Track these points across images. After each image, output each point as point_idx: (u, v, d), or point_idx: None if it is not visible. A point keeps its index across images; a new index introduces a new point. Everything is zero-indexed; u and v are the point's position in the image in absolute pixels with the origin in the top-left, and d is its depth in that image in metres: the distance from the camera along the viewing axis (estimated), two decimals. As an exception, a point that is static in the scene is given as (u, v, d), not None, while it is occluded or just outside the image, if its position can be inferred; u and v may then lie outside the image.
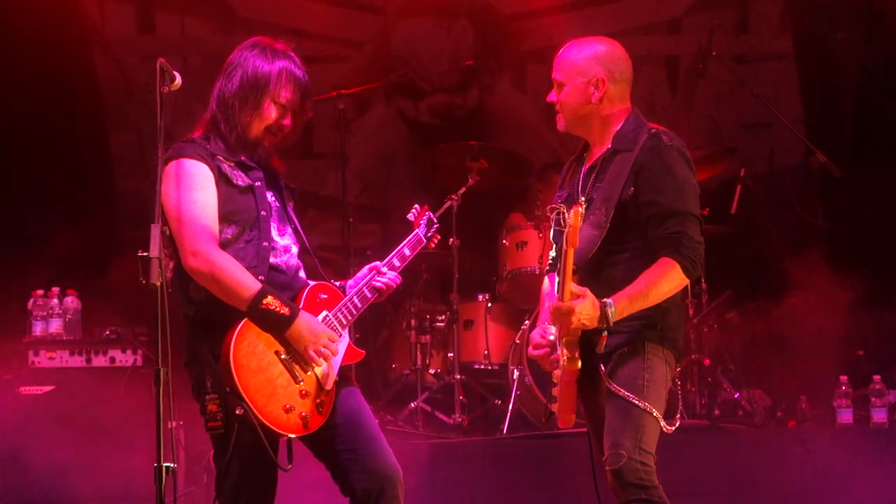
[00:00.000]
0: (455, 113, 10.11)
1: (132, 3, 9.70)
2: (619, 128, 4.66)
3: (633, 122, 4.68)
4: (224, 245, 4.39)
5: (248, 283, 4.33)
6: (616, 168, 4.58)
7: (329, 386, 4.48)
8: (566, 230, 4.30)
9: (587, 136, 4.77)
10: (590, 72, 4.66)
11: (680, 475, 6.49)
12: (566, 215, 4.35)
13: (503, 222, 8.68)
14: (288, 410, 4.34)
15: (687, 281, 4.50)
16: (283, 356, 4.38)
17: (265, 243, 4.48)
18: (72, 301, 6.97)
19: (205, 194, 4.39)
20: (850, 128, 9.40)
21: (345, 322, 4.61)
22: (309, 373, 4.43)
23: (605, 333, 4.43)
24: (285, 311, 4.35)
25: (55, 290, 6.93)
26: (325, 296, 4.62)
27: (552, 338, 4.65)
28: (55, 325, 6.89)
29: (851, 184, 8.49)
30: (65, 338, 6.86)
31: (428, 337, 8.40)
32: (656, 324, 4.55)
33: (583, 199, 4.40)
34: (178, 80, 4.36)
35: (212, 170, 4.43)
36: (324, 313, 4.56)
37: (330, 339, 4.46)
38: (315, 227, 9.38)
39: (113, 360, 6.78)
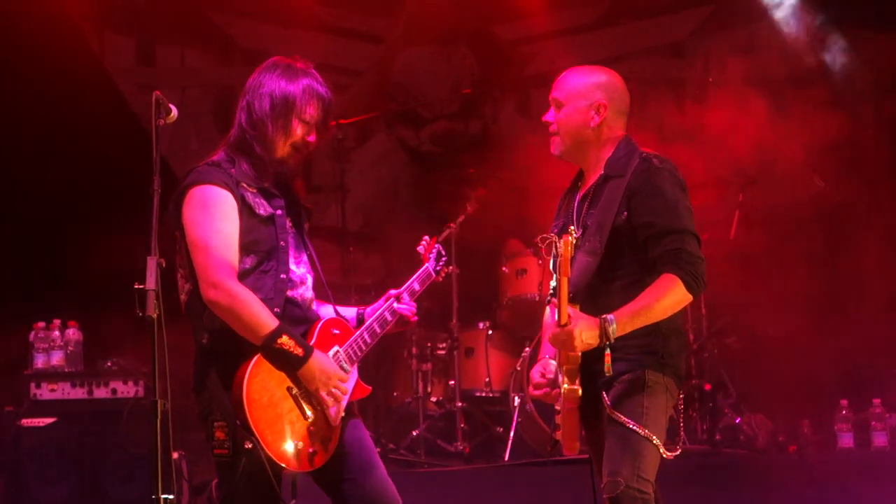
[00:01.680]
0: (457, 141, 10.11)
1: (132, 35, 9.75)
2: (610, 155, 4.65)
3: (624, 147, 4.67)
4: (242, 275, 4.37)
5: (265, 320, 4.31)
6: (609, 194, 4.57)
7: (336, 423, 4.49)
8: (558, 260, 4.31)
9: (581, 163, 4.75)
10: (591, 96, 4.66)
11: (681, 500, 6.49)
12: (557, 245, 4.36)
13: (502, 249, 8.71)
14: (296, 447, 4.33)
15: (690, 297, 4.45)
16: (293, 392, 4.38)
17: (283, 275, 4.46)
18: (73, 333, 6.98)
19: (228, 224, 4.36)
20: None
21: (354, 358, 4.60)
22: (318, 410, 4.43)
23: (609, 352, 4.37)
24: (299, 351, 4.34)
25: (56, 322, 6.94)
26: (338, 331, 4.61)
27: (552, 376, 4.64)
28: (57, 357, 6.90)
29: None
30: (66, 370, 6.87)
31: (429, 365, 8.40)
32: (657, 350, 4.52)
33: (572, 227, 4.40)
34: (175, 112, 4.37)
35: (236, 199, 4.40)
36: (335, 349, 4.55)
37: (341, 380, 4.47)
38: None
39: (114, 391, 6.79)
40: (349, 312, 4.79)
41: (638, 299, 4.41)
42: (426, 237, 5.08)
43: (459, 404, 8.08)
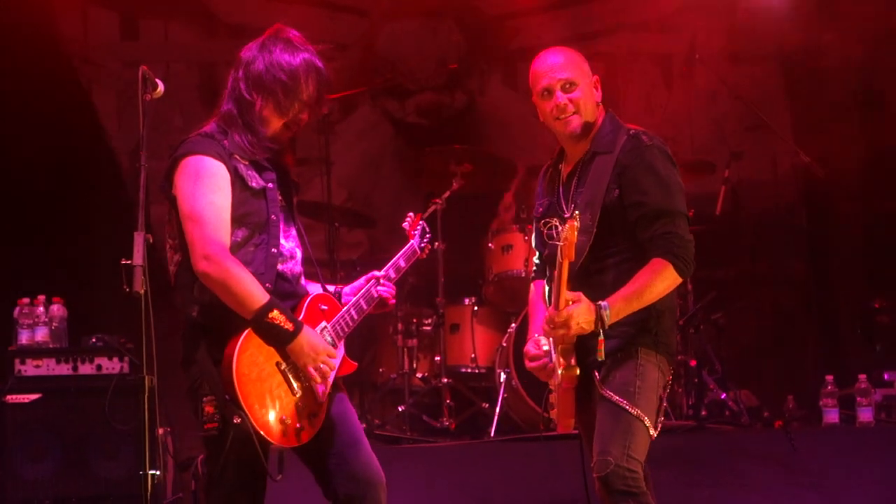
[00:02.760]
0: (443, 112, 10.08)
1: (116, 9, 9.69)
2: (595, 131, 4.65)
3: (609, 123, 4.67)
4: (233, 248, 4.35)
5: (256, 294, 4.29)
6: (597, 171, 4.57)
7: (324, 399, 4.48)
8: (561, 244, 4.28)
9: (580, 140, 4.69)
10: (590, 72, 4.69)
11: (666, 476, 6.50)
12: (560, 229, 4.34)
13: (489, 225, 8.70)
14: (283, 422, 4.33)
15: (680, 280, 4.49)
16: (282, 367, 4.38)
17: (273, 249, 4.45)
18: (58, 309, 6.94)
19: (221, 196, 4.33)
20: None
21: (341, 334, 4.60)
22: (306, 385, 4.43)
23: (602, 338, 4.40)
24: (289, 326, 4.33)
25: (41, 298, 6.91)
26: (326, 307, 4.60)
27: (546, 348, 4.65)
28: (41, 334, 6.87)
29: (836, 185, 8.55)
30: (51, 345, 6.84)
31: (415, 341, 8.39)
32: (651, 328, 4.54)
33: (577, 212, 4.35)
34: (161, 87, 4.35)
35: (229, 170, 4.37)
36: (322, 324, 4.54)
37: (329, 356, 4.46)
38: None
39: (100, 367, 6.75)
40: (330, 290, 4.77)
41: (630, 283, 4.42)
42: (411, 213, 5.08)
43: (445, 380, 8.07)
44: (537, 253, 4.93)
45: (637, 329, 4.51)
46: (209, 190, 4.31)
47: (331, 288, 4.77)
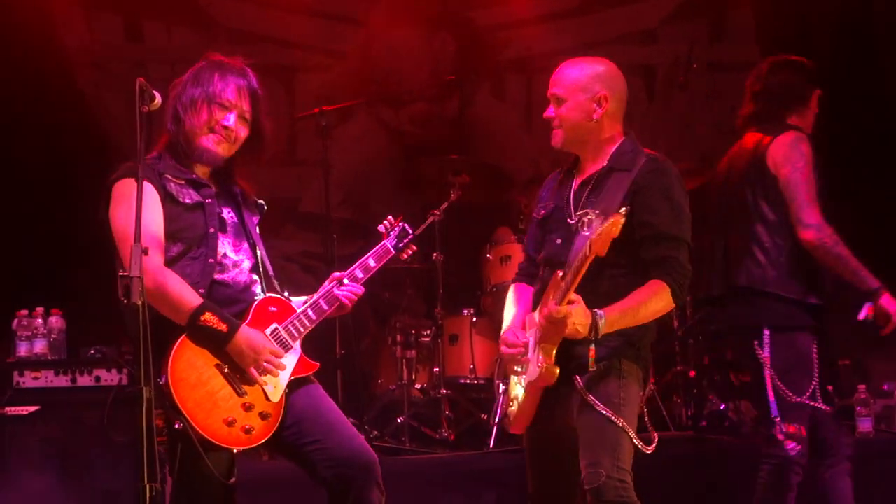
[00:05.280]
0: (434, 122, 10.14)
1: (120, 12, 9.72)
2: (615, 148, 4.72)
3: (629, 144, 4.75)
4: (170, 263, 4.48)
5: (188, 298, 4.41)
6: (613, 185, 4.62)
7: (276, 399, 4.51)
8: (593, 236, 4.29)
9: (581, 153, 4.81)
10: (592, 89, 4.73)
11: (666, 486, 6.50)
12: (599, 220, 4.37)
13: (490, 236, 8.71)
14: (230, 423, 4.38)
15: (673, 306, 4.59)
16: (225, 370, 4.44)
17: (211, 259, 4.54)
18: (56, 321, 6.93)
19: (148, 213, 4.41)
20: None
21: (296, 334, 4.64)
22: (254, 385, 4.46)
23: (593, 347, 4.44)
24: (222, 327, 4.41)
25: (39, 310, 6.90)
26: (276, 308, 4.66)
27: (526, 341, 4.67)
28: (40, 346, 6.86)
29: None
30: (49, 357, 6.83)
31: (413, 352, 8.39)
32: (635, 342, 4.61)
33: (626, 208, 4.35)
34: (158, 99, 4.36)
35: (157, 189, 4.52)
36: (273, 326, 4.60)
37: (274, 354, 4.50)
38: (297, 235, 9.39)
39: (98, 379, 6.74)
40: (298, 301, 4.81)
41: (628, 299, 4.48)
42: (390, 217, 5.09)
43: (444, 391, 8.07)
44: (525, 255, 5.00)
45: (621, 342, 4.56)
46: (134, 209, 4.36)
47: (302, 298, 4.79)
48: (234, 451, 4.45)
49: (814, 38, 9.51)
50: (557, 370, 4.50)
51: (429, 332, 8.41)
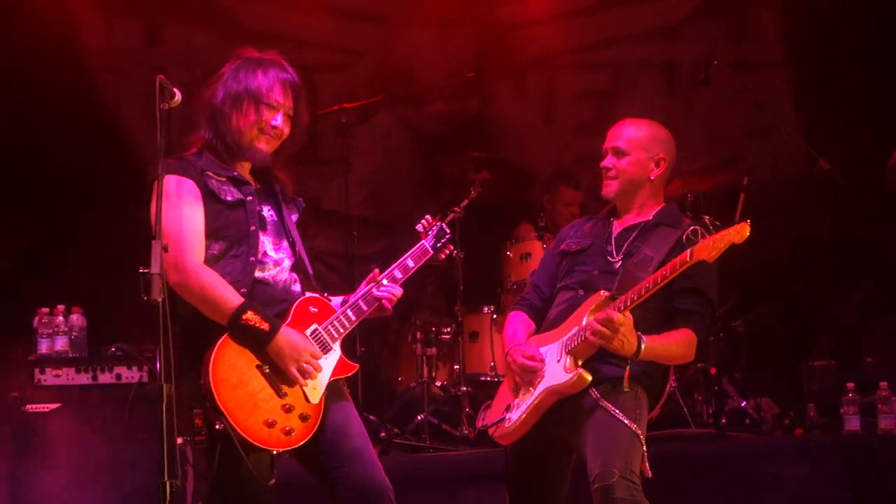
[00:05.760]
0: (455, 120, 10.12)
1: (139, 16, 9.73)
2: (661, 208, 5.04)
3: (675, 209, 5.10)
4: (211, 261, 4.43)
5: (229, 297, 4.36)
6: (660, 237, 4.89)
7: (316, 400, 4.48)
8: (702, 240, 4.52)
9: (625, 204, 5.08)
10: (652, 150, 5.03)
11: (687, 484, 6.49)
12: (710, 236, 4.52)
13: (511, 233, 8.70)
14: (270, 425, 4.34)
15: (692, 358, 4.89)
16: (266, 371, 4.40)
17: (252, 258, 4.50)
18: (77, 318, 6.96)
19: (189, 210, 4.43)
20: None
21: (336, 335, 4.61)
22: (294, 386, 4.43)
23: (629, 367, 4.66)
24: (265, 326, 4.37)
25: (60, 307, 6.93)
26: (316, 309, 4.62)
27: (542, 356, 4.85)
28: (61, 343, 6.88)
29: (856, 191, 8.49)
30: (70, 355, 6.85)
31: (434, 349, 8.37)
32: (653, 375, 4.85)
33: (738, 225, 4.47)
34: (178, 96, 4.36)
35: (198, 186, 4.48)
36: (313, 327, 4.57)
37: (314, 356, 4.47)
38: (320, 234, 9.39)
39: (119, 376, 6.77)
40: (336, 301, 4.79)
41: (664, 336, 4.73)
42: (428, 216, 5.08)
43: (464, 388, 8.06)
44: (531, 286, 5.21)
45: (642, 371, 4.76)
46: (176, 206, 4.40)
47: (339, 298, 4.78)
48: (274, 452, 4.41)
49: (840, 38, 9.49)
50: (590, 377, 4.62)
51: (449, 329, 8.40)
